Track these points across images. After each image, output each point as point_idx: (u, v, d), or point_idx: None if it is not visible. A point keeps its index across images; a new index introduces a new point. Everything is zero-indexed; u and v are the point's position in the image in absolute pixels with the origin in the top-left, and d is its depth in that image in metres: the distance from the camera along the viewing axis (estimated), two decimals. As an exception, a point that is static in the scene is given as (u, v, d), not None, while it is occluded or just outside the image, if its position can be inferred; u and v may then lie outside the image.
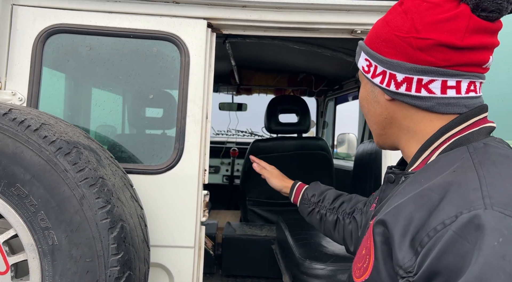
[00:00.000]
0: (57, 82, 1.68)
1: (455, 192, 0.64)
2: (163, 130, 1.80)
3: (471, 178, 0.65)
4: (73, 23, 1.58)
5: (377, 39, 0.83)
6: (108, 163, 1.28)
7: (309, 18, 1.63)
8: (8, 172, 1.11)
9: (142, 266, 1.29)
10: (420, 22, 0.76)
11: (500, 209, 0.59)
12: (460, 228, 0.59)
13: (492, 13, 0.72)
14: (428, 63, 0.75)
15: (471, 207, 0.60)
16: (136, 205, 1.34)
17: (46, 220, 1.11)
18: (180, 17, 1.60)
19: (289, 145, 3.23)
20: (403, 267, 0.65)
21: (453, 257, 0.58)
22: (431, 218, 0.64)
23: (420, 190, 0.70)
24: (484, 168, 0.66)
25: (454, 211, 0.61)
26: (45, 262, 1.12)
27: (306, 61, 3.50)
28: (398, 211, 0.70)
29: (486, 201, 0.60)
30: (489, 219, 0.58)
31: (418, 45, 0.75)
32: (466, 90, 0.77)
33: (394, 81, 0.80)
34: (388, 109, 0.85)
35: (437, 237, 0.61)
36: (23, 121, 1.12)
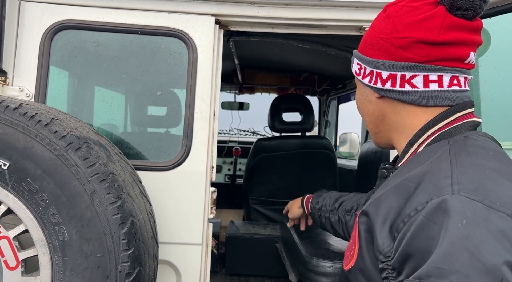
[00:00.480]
0: (64, 79, 1.68)
1: (428, 181, 0.70)
2: (171, 127, 1.79)
3: (444, 167, 0.71)
4: (80, 19, 1.58)
5: (365, 43, 0.92)
6: (117, 159, 1.28)
7: (317, 15, 1.63)
8: (19, 166, 1.10)
9: (152, 262, 1.28)
10: (400, 24, 0.83)
11: (467, 194, 0.64)
12: (429, 213, 0.65)
13: (467, 11, 0.79)
14: (409, 60, 0.82)
15: (440, 193, 0.66)
16: (145, 201, 1.33)
17: (56, 215, 1.11)
18: (188, 13, 1.60)
19: (293, 143, 3.22)
20: (383, 252, 0.71)
21: (423, 240, 0.64)
22: (406, 206, 0.70)
23: (399, 181, 0.76)
24: (458, 158, 0.72)
25: (426, 198, 0.67)
26: (55, 258, 1.11)
27: (309, 60, 3.50)
28: (379, 202, 0.76)
29: (454, 187, 0.65)
30: (455, 203, 0.63)
31: (399, 44, 0.83)
32: (448, 84, 0.82)
33: (380, 79, 0.87)
34: (379, 107, 0.92)
35: (410, 222, 0.67)
36: (33, 116, 1.12)
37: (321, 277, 1.73)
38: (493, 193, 0.65)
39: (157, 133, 1.98)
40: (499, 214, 0.62)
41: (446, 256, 0.60)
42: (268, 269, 2.90)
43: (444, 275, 0.59)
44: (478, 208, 0.63)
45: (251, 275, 2.97)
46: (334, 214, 1.51)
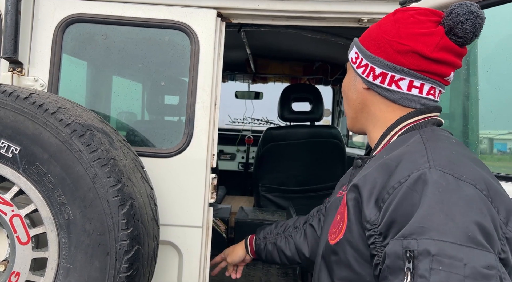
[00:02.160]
0: (76, 69, 1.78)
1: (407, 159, 0.83)
2: (175, 116, 1.87)
3: (419, 148, 0.85)
4: (90, 13, 1.67)
5: (368, 38, 1.02)
6: (120, 146, 1.37)
7: (317, 7, 1.67)
8: (29, 151, 1.21)
9: (151, 242, 1.38)
10: (404, 31, 0.95)
11: (441, 168, 0.78)
12: (411, 183, 0.77)
13: (460, 39, 0.92)
14: (402, 64, 0.95)
15: (419, 168, 0.79)
16: (146, 185, 1.42)
17: (62, 196, 1.21)
18: (191, 6, 1.67)
19: (302, 133, 3.27)
20: (370, 221, 0.82)
21: (406, 206, 0.76)
22: (390, 180, 0.82)
23: (382, 160, 0.89)
24: (430, 142, 0.87)
25: (407, 172, 0.80)
26: (61, 235, 1.22)
27: (322, 49, 3.52)
28: (365, 178, 0.88)
29: (430, 163, 0.79)
30: (432, 175, 0.76)
31: (398, 48, 0.95)
32: (427, 92, 0.97)
33: (373, 74, 1.00)
34: (363, 97, 1.05)
35: (395, 193, 0.79)
36: (41, 105, 1.22)
37: (317, 262, 1.79)
38: (460, 168, 0.78)
39: (161, 122, 2.07)
40: (466, 184, 0.75)
41: (426, 216, 0.72)
42: (275, 254, 2.99)
43: (424, 232, 0.70)
44: (451, 179, 0.76)
45: (258, 259, 3.06)
46: (280, 237, 1.48)
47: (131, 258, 1.23)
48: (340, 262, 0.92)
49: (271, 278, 2.80)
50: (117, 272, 1.20)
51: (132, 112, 1.84)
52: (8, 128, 1.20)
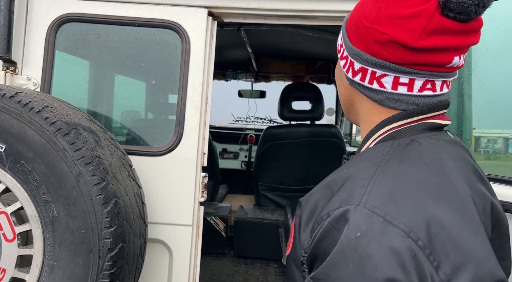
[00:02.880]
0: (68, 68, 1.79)
1: (347, 186, 0.70)
2: (165, 114, 1.88)
3: (366, 175, 0.69)
4: (83, 12, 1.68)
5: (351, 22, 0.82)
6: (107, 144, 1.38)
7: (307, 6, 1.66)
8: (14, 149, 1.22)
9: (137, 240, 1.39)
10: (384, 14, 0.74)
11: (371, 207, 0.63)
12: (334, 219, 0.66)
13: (460, 14, 0.69)
14: (383, 58, 0.75)
15: (348, 202, 0.66)
16: (133, 184, 1.43)
17: (47, 194, 1.22)
18: (182, 6, 1.67)
19: (302, 132, 3.26)
20: (303, 248, 0.72)
21: (327, 244, 0.65)
22: (325, 207, 0.70)
23: (329, 180, 0.76)
24: (386, 167, 0.70)
25: (338, 204, 0.67)
26: (46, 232, 1.24)
27: (323, 48, 3.50)
28: (310, 197, 0.76)
29: (363, 198, 0.64)
30: (356, 215, 0.63)
31: (376, 38, 0.74)
32: (419, 88, 0.75)
33: (352, 69, 0.81)
34: (350, 92, 0.86)
35: (321, 225, 0.68)
36: (27, 103, 1.23)
37: (307, 261, 1.79)
38: (399, 208, 0.63)
39: (151, 120, 2.08)
40: (397, 230, 0.61)
41: (334, 264, 0.62)
42: (274, 253, 2.99)
43: (329, 280, 0.62)
44: (377, 223, 0.62)
45: (257, 258, 3.07)
46: None
47: (115, 256, 1.24)
48: (288, 277, 0.85)
49: (268, 277, 2.80)
50: (100, 269, 1.22)
51: (123, 111, 1.85)
52: (-6, 127, 1.22)
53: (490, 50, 1.75)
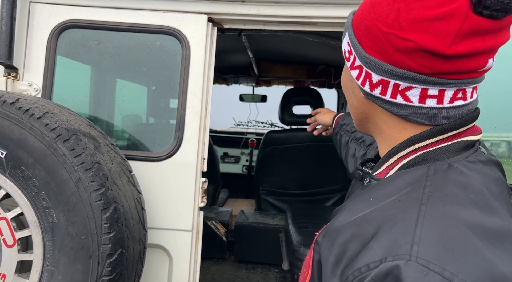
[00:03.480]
0: (70, 74, 1.81)
1: (387, 231, 0.59)
2: (165, 120, 1.89)
3: (409, 216, 0.59)
4: (84, 18, 1.69)
5: (361, 25, 0.70)
6: (107, 150, 1.39)
7: (307, 12, 1.67)
8: (14, 155, 1.23)
9: (137, 246, 1.39)
10: (406, 17, 0.62)
11: (425, 261, 0.53)
12: (379, 276, 0.55)
13: (497, 11, 0.59)
14: (408, 68, 0.64)
15: (396, 255, 0.55)
16: (133, 189, 1.44)
17: (47, 200, 1.23)
18: (182, 12, 1.68)
19: (303, 136, 3.27)
20: None
21: None
22: (359, 255, 0.60)
23: (360, 217, 0.65)
24: (429, 204, 0.60)
25: (380, 255, 0.57)
26: (46, 238, 1.24)
27: (324, 53, 3.50)
28: (335, 236, 0.66)
29: (413, 249, 0.55)
30: (409, 274, 0.53)
31: (398, 45, 0.63)
32: (450, 100, 0.66)
33: (369, 81, 0.70)
34: (364, 106, 0.76)
35: (360, 278, 0.58)
36: (28, 110, 1.24)
37: (307, 267, 1.79)
38: (457, 261, 0.54)
39: (151, 125, 2.08)
40: None
41: None
42: (275, 258, 2.99)
43: None
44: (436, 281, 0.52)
45: (258, 263, 3.07)
46: (347, 136, 1.53)
47: (114, 261, 1.24)
48: None
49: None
50: (99, 275, 1.22)
51: (124, 116, 1.86)
52: (-5, 133, 1.23)
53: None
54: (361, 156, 1.36)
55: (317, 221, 2.35)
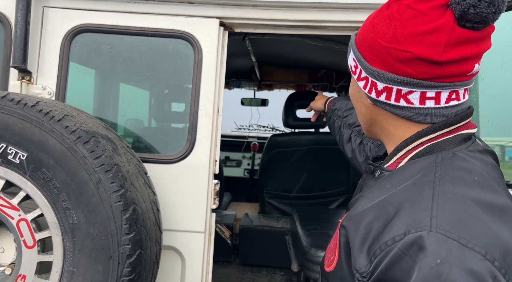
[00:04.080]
0: (83, 78, 1.83)
1: (408, 209, 0.69)
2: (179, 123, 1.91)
3: (425, 196, 0.69)
4: (97, 23, 1.71)
5: (364, 43, 0.83)
6: (124, 152, 1.40)
7: (317, 17, 1.70)
8: (35, 157, 1.25)
9: (154, 247, 1.41)
10: (402, 32, 0.76)
11: (444, 231, 0.63)
12: (405, 246, 0.65)
13: (477, 24, 0.72)
14: (408, 75, 0.76)
15: (418, 227, 0.65)
16: (149, 191, 1.45)
17: (67, 201, 1.25)
18: (194, 16, 1.71)
19: (306, 139, 3.30)
20: (359, 272, 0.72)
21: (397, 271, 0.65)
22: (385, 231, 0.70)
23: (381, 200, 0.75)
24: (441, 185, 0.70)
25: (404, 229, 0.67)
26: (66, 239, 1.26)
27: (327, 57, 3.54)
28: (360, 219, 0.76)
29: (433, 222, 0.65)
30: (431, 242, 0.63)
31: (398, 56, 0.76)
32: (446, 100, 0.78)
33: (375, 89, 0.82)
34: (372, 112, 0.88)
35: (387, 251, 0.67)
36: (48, 112, 1.26)
37: (318, 267, 1.81)
38: (470, 230, 0.64)
39: (163, 128, 2.10)
40: (474, 254, 0.62)
41: None
42: (280, 261, 3.00)
43: None
44: (454, 248, 0.62)
45: (263, 266, 3.08)
46: (340, 120, 1.63)
47: (133, 262, 1.25)
48: None
49: (275, 285, 2.81)
50: (119, 275, 1.23)
51: (137, 120, 1.88)
52: (16, 135, 1.24)
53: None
54: (358, 144, 1.48)
55: (324, 223, 2.37)
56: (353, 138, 1.52)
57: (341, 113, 1.65)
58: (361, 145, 1.48)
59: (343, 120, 1.62)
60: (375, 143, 1.40)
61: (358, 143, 1.49)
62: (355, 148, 1.50)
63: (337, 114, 1.66)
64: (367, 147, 1.45)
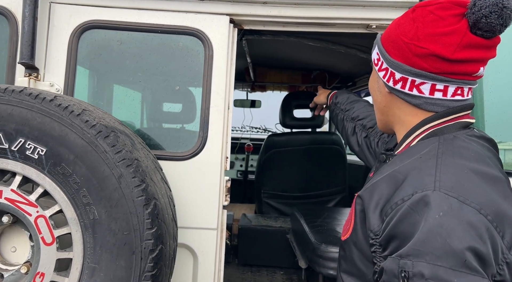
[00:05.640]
0: (91, 74, 1.80)
1: (415, 175, 0.82)
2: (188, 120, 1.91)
3: (430, 165, 0.83)
4: (105, 19, 1.70)
5: (388, 39, 0.97)
6: (140, 147, 1.39)
7: (327, 14, 1.72)
8: (55, 152, 1.22)
9: (172, 242, 1.40)
10: (422, 32, 0.90)
11: (445, 191, 0.76)
12: (413, 203, 0.77)
13: (487, 32, 0.85)
14: (422, 68, 0.90)
15: (423, 188, 0.78)
16: (165, 187, 1.44)
17: (87, 197, 1.23)
18: (205, 13, 1.71)
19: (303, 139, 3.32)
20: (373, 231, 0.85)
21: (406, 225, 0.77)
22: (395, 194, 0.83)
23: (391, 171, 0.88)
24: (443, 157, 0.84)
25: (411, 190, 0.80)
26: (86, 235, 1.23)
27: (320, 58, 3.58)
28: (373, 188, 0.89)
29: (436, 184, 0.78)
30: (435, 198, 0.76)
31: (416, 52, 0.90)
32: (452, 94, 0.92)
33: (393, 78, 0.96)
34: (387, 99, 1.02)
35: (397, 209, 0.80)
36: (67, 107, 1.24)
37: (329, 262, 1.82)
38: (467, 191, 0.77)
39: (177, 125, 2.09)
40: (470, 209, 0.75)
41: (424, 240, 0.73)
42: (279, 260, 3.01)
43: (420, 255, 0.72)
44: (454, 203, 0.75)
45: (262, 266, 3.07)
46: (342, 113, 1.72)
47: (156, 257, 1.24)
48: (346, 258, 0.98)
49: (276, 284, 2.81)
50: (142, 271, 1.22)
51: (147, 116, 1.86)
52: (35, 130, 1.22)
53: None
54: (363, 137, 1.57)
55: (328, 220, 2.39)
56: (358, 132, 1.60)
57: (343, 107, 1.74)
58: (367, 139, 1.55)
59: (346, 114, 1.70)
60: (383, 139, 1.46)
61: (364, 137, 1.57)
62: (361, 141, 1.56)
63: (340, 107, 1.75)
64: (373, 142, 1.52)
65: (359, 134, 1.59)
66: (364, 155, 1.56)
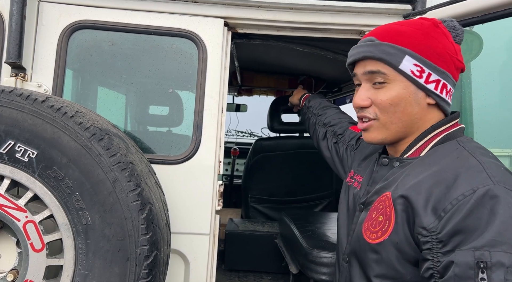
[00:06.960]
0: (80, 76, 1.76)
1: (466, 173, 0.86)
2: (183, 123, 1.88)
3: (474, 163, 0.88)
4: (96, 19, 1.66)
5: (430, 51, 0.99)
6: (134, 150, 1.36)
7: (321, 19, 1.73)
8: (46, 155, 1.18)
9: (166, 248, 1.37)
10: (457, 48, 1.02)
11: (503, 185, 0.82)
12: (479, 198, 0.81)
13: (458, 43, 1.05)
14: (456, 79, 1.03)
15: (483, 183, 0.83)
16: (159, 191, 1.41)
17: (80, 201, 1.18)
18: (199, 15, 1.69)
19: (291, 144, 3.32)
20: (427, 228, 0.85)
21: (473, 219, 0.80)
22: (451, 191, 0.85)
23: (434, 171, 0.91)
24: (478, 156, 0.90)
25: (470, 187, 0.83)
26: (78, 241, 1.19)
27: (307, 63, 3.60)
28: (418, 187, 0.91)
29: (493, 179, 0.83)
30: (500, 192, 0.80)
31: (457, 65, 1.02)
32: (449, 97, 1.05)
33: (445, 90, 1.01)
34: (424, 112, 1.02)
35: (459, 205, 0.82)
36: (59, 108, 1.20)
37: (321, 267, 1.82)
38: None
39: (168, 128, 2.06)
40: None
41: (499, 231, 0.76)
42: (267, 265, 2.99)
43: (497, 245, 0.75)
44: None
45: (249, 271, 3.05)
46: (315, 118, 1.79)
47: (151, 263, 1.21)
48: (381, 261, 0.95)
49: (264, 289, 2.79)
50: (137, 278, 1.19)
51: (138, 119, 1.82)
52: (26, 132, 1.17)
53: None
54: (333, 143, 1.61)
55: (318, 225, 2.39)
56: (329, 137, 1.65)
57: (316, 111, 1.80)
58: (336, 145, 1.59)
59: (318, 119, 1.76)
60: (350, 146, 1.51)
61: (334, 142, 1.61)
62: (331, 146, 1.61)
63: (312, 111, 1.83)
64: (342, 148, 1.56)
65: (330, 139, 1.64)
66: (332, 160, 1.60)
